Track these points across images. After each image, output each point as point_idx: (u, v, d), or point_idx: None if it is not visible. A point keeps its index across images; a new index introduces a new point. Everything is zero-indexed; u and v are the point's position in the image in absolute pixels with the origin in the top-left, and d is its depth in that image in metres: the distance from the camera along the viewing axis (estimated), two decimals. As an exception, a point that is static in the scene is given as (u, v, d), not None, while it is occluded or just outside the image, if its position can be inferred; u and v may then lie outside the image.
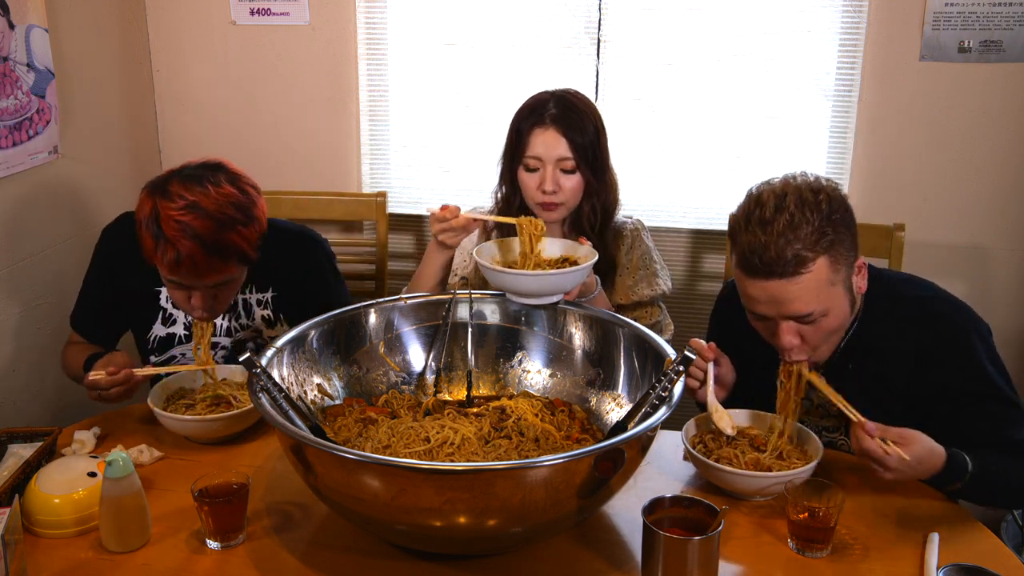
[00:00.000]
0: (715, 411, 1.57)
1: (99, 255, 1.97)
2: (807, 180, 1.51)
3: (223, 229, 1.65)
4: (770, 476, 1.45)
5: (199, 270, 1.65)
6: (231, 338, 1.93)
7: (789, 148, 2.65)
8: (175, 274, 1.67)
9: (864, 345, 1.61)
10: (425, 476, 1.20)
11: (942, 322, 1.57)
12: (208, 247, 1.63)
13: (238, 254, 1.69)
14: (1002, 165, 2.55)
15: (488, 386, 1.73)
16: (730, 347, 1.69)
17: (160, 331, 1.93)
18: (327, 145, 2.85)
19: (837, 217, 1.47)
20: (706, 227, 2.74)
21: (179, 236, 1.62)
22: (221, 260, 1.66)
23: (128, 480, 1.36)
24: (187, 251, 1.62)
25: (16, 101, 2.16)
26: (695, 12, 2.59)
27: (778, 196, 1.47)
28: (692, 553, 1.22)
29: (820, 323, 1.50)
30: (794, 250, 1.43)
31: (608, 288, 1.96)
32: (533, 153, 1.85)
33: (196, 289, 1.71)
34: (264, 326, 1.94)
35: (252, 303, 1.93)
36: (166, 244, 1.63)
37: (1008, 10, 2.43)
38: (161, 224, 1.63)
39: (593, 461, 1.22)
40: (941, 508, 1.50)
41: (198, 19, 2.78)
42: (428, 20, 2.72)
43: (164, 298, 1.93)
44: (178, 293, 1.74)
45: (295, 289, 1.94)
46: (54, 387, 2.38)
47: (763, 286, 1.47)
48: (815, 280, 1.45)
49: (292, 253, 1.94)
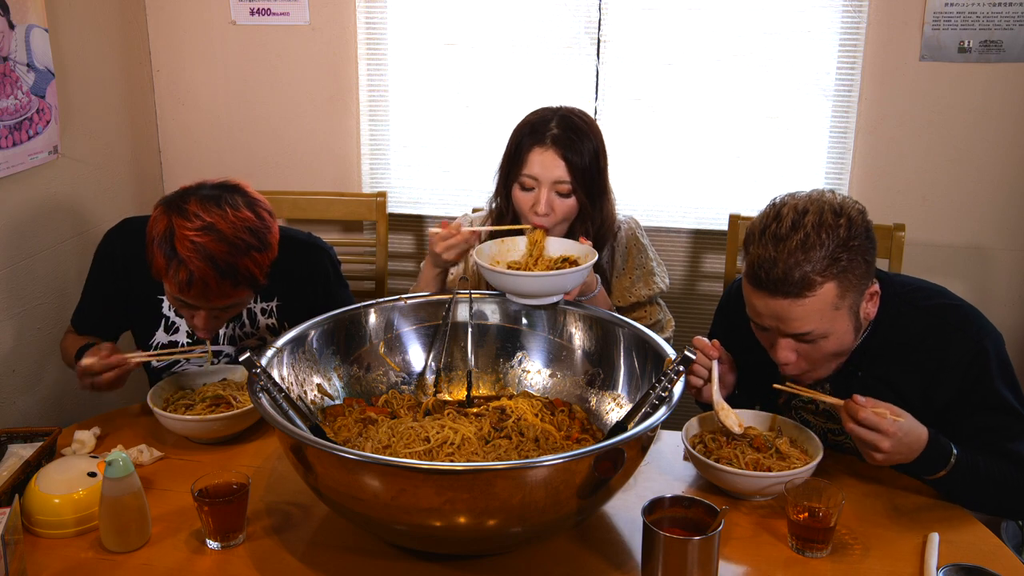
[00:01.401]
0: (721, 409, 1.56)
1: (101, 258, 1.96)
2: (832, 200, 1.47)
3: (237, 254, 1.62)
4: (770, 476, 1.45)
5: (209, 293, 1.63)
6: (235, 347, 1.93)
7: (789, 148, 2.65)
8: (184, 295, 1.65)
9: (874, 353, 1.59)
10: (425, 476, 1.20)
11: (954, 335, 1.54)
12: (221, 271, 1.61)
13: (249, 279, 1.67)
14: (1002, 165, 2.55)
15: (488, 386, 1.73)
16: (735, 341, 1.68)
17: (163, 338, 1.92)
18: (327, 145, 2.85)
19: (855, 244, 1.44)
20: (706, 227, 2.74)
21: (193, 257, 1.59)
22: (232, 285, 1.64)
23: (128, 480, 1.36)
24: (199, 273, 1.60)
25: (16, 101, 2.16)
26: (695, 12, 2.59)
27: (798, 213, 1.45)
28: (692, 553, 1.22)
29: (819, 344, 1.49)
30: (803, 271, 1.42)
31: (605, 291, 1.95)
32: (530, 172, 1.83)
33: (201, 309, 1.70)
34: (268, 335, 1.93)
35: (256, 312, 1.92)
36: (179, 264, 1.60)
37: (1008, 10, 2.43)
38: (175, 243, 1.60)
39: (593, 461, 1.22)
40: (941, 508, 1.50)
41: (198, 19, 2.78)
42: (428, 20, 2.72)
43: (166, 306, 1.92)
44: (183, 309, 1.73)
45: (300, 298, 1.93)
46: (54, 388, 2.38)
47: (766, 302, 1.46)
48: (820, 303, 1.44)
49: (297, 262, 1.92)
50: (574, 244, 1.76)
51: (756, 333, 1.57)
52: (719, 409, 1.56)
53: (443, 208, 2.84)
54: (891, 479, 1.58)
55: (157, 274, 1.66)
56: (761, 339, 1.57)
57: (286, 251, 1.83)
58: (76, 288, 2.00)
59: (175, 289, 1.65)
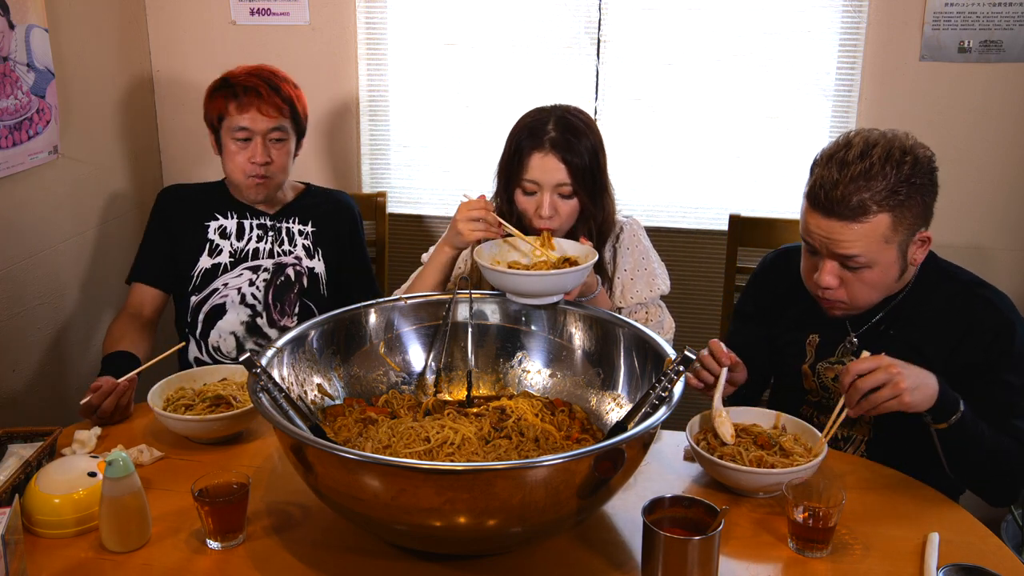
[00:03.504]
0: (718, 416, 1.57)
1: (155, 212, 2.21)
2: (904, 140, 1.53)
3: (278, 78, 2.12)
4: (773, 473, 1.45)
5: (262, 103, 2.05)
6: (273, 260, 2.17)
7: (789, 148, 2.65)
8: (242, 108, 2.05)
9: (908, 314, 1.63)
10: (425, 476, 1.20)
11: (988, 307, 1.58)
12: (269, 84, 2.08)
13: (291, 104, 2.11)
14: (1002, 165, 2.55)
15: (488, 386, 1.73)
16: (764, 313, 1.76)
17: (206, 263, 2.15)
18: (327, 145, 2.85)
19: (916, 182, 1.49)
20: (706, 227, 2.74)
21: (245, 77, 2.08)
22: (281, 99, 2.08)
23: (128, 480, 1.36)
24: (252, 84, 2.06)
25: (16, 101, 2.16)
26: (695, 12, 2.59)
27: (868, 144, 1.50)
28: (692, 553, 1.22)
29: (862, 273, 1.52)
30: (861, 198, 1.47)
31: (607, 291, 1.95)
32: (531, 177, 1.84)
33: (257, 135, 2.06)
34: (304, 255, 2.19)
35: (295, 232, 2.19)
36: (232, 88, 2.07)
37: (1008, 10, 2.43)
38: (228, 79, 2.10)
39: (593, 461, 1.22)
40: (941, 508, 1.50)
41: (198, 19, 2.78)
42: (428, 20, 2.72)
43: (212, 230, 2.16)
44: (240, 154, 2.08)
45: (331, 227, 2.24)
46: (54, 387, 2.38)
47: (820, 221, 1.52)
48: (871, 231, 1.48)
49: (330, 201, 2.29)
50: (575, 244, 1.76)
51: (804, 259, 1.61)
52: (716, 415, 1.57)
53: (443, 208, 2.84)
54: (892, 479, 1.58)
55: (218, 117, 2.09)
56: (806, 268, 1.61)
57: (319, 192, 2.30)
58: (76, 288, 2.02)
59: (234, 108, 2.06)
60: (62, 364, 2.42)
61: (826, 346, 1.72)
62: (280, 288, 2.15)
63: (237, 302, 2.14)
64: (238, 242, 2.16)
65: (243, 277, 2.13)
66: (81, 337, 2.49)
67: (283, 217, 2.20)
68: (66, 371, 2.44)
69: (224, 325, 2.14)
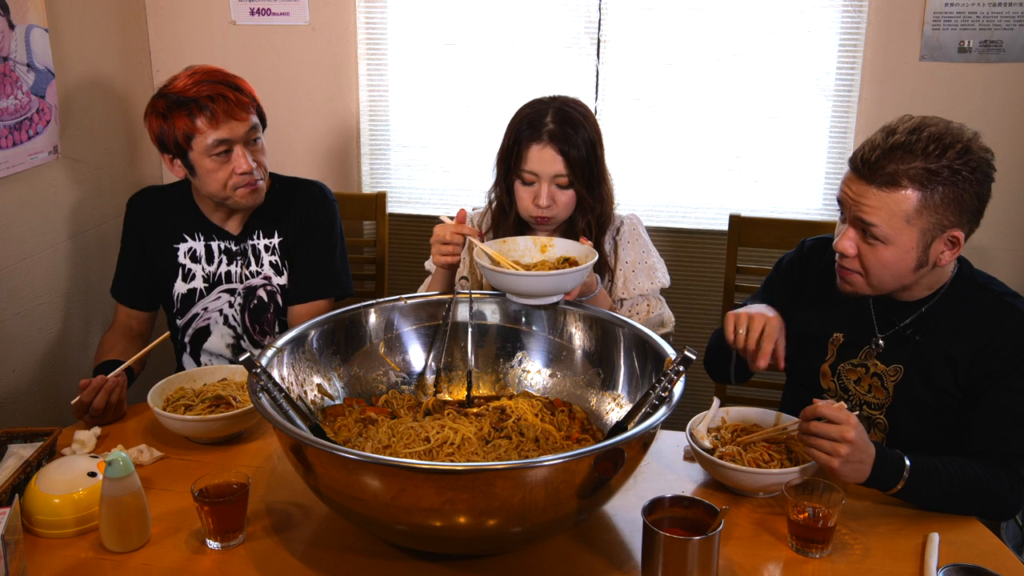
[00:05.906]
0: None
1: (127, 223, 2.11)
2: (963, 131, 1.51)
3: (230, 76, 1.94)
4: (773, 473, 1.45)
5: (230, 103, 1.87)
6: (243, 284, 2.06)
7: (789, 148, 2.65)
8: (215, 121, 1.86)
9: (935, 321, 1.60)
10: (425, 476, 1.20)
11: (1014, 315, 1.55)
12: (227, 84, 1.90)
13: (251, 96, 1.94)
14: (1002, 165, 2.53)
15: (488, 386, 1.73)
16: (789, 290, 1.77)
17: (181, 288, 2.07)
18: (327, 145, 2.85)
19: (960, 173, 1.47)
20: (706, 227, 2.74)
21: (197, 86, 1.87)
22: (244, 96, 1.91)
23: (128, 480, 1.36)
24: (212, 92, 1.87)
25: (16, 101, 2.16)
26: (695, 12, 2.59)
27: (924, 123, 1.49)
28: (692, 553, 1.22)
29: (877, 249, 1.51)
30: (896, 168, 1.46)
31: (607, 284, 1.96)
32: (529, 168, 1.86)
33: (236, 142, 1.90)
34: (273, 272, 2.07)
35: (260, 249, 2.07)
36: (192, 103, 1.86)
37: (1008, 10, 2.43)
38: (177, 96, 1.88)
39: (593, 461, 1.22)
40: (941, 508, 1.50)
41: (198, 19, 2.78)
42: (428, 20, 2.72)
43: (182, 253, 2.06)
44: (222, 170, 1.91)
45: (299, 229, 2.08)
46: (54, 387, 2.38)
47: (852, 182, 1.51)
48: (895, 204, 1.47)
49: (295, 196, 2.10)
50: (575, 245, 1.76)
51: (837, 229, 1.59)
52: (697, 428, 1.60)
53: (443, 208, 2.84)
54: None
55: (185, 138, 1.88)
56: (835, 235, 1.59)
57: (285, 189, 2.10)
58: (76, 288, 2.01)
59: (206, 123, 1.87)
60: (62, 364, 2.42)
61: (849, 347, 1.68)
62: (255, 311, 2.09)
63: (221, 323, 2.09)
64: (209, 266, 2.07)
65: (222, 300, 2.08)
66: (81, 337, 2.49)
67: (248, 235, 2.07)
68: (66, 371, 2.44)
69: (211, 347, 2.11)
